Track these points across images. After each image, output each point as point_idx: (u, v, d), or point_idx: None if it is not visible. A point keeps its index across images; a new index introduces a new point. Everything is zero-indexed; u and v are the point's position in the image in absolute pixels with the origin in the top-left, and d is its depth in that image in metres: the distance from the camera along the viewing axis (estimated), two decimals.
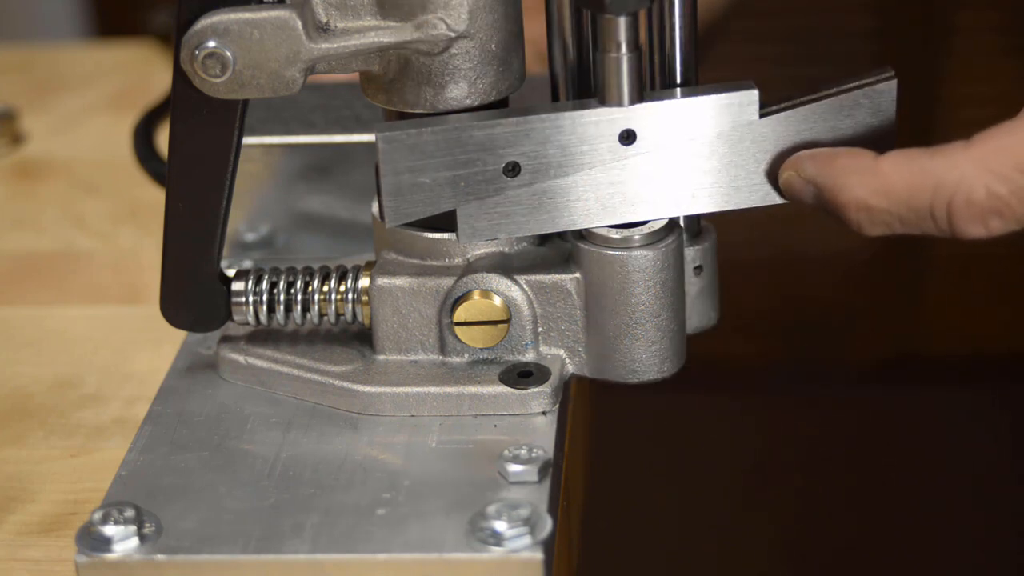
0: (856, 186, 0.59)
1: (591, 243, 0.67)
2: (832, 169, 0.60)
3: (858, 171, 0.59)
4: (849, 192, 0.59)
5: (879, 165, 0.59)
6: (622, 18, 0.63)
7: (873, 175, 0.59)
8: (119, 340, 0.81)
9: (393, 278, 0.68)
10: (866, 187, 0.59)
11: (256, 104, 0.74)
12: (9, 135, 1.04)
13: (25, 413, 0.76)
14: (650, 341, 0.68)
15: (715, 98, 0.65)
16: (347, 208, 0.81)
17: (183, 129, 0.66)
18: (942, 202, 0.57)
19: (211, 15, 0.63)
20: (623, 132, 0.65)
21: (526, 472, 0.63)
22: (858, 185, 0.59)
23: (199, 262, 0.68)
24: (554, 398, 0.67)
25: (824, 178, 0.61)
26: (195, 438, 0.67)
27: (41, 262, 0.90)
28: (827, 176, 0.60)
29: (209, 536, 0.61)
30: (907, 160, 0.58)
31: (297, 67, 0.64)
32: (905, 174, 0.58)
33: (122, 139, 0.95)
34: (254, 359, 0.70)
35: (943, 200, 0.57)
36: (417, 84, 0.66)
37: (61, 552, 0.66)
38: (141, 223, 0.93)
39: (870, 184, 0.59)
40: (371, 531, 0.61)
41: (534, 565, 0.60)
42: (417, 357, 0.69)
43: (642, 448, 1.46)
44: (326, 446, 0.66)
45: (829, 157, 0.61)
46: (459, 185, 0.65)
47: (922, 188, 0.58)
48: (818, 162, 0.61)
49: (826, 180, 0.60)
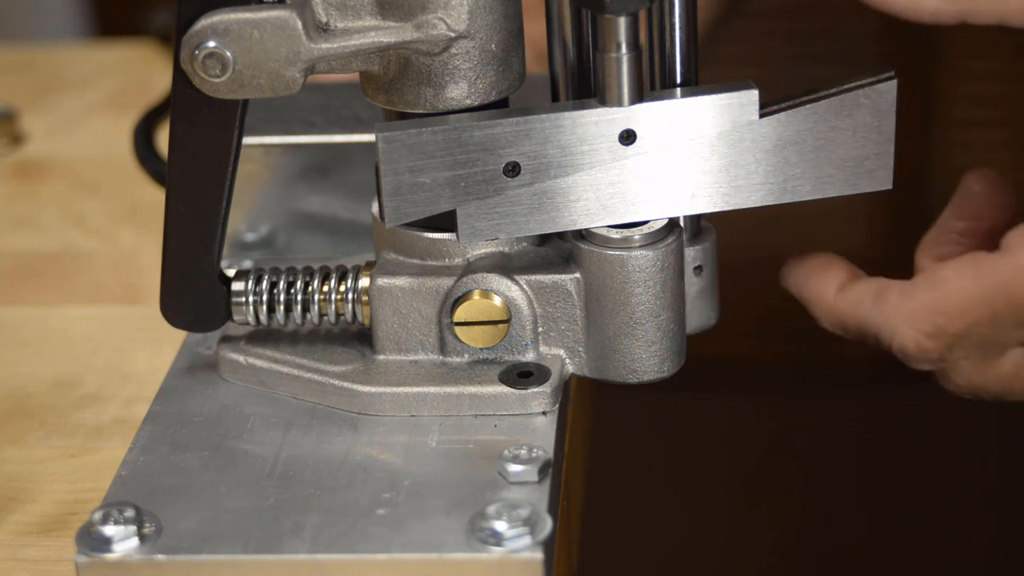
0: (816, 311, 0.69)
1: (591, 243, 0.67)
2: (800, 291, 0.69)
3: (815, 302, 0.68)
4: (814, 312, 0.69)
5: (835, 300, 0.67)
6: (622, 18, 0.63)
7: (825, 308, 0.68)
8: (119, 340, 0.81)
9: (393, 278, 0.68)
10: (820, 314, 0.68)
11: (256, 104, 0.74)
12: (9, 135, 1.04)
13: (25, 413, 0.76)
14: (650, 341, 0.68)
15: (715, 98, 0.65)
16: (347, 208, 0.81)
17: (183, 129, 0.66)
18: (883, 342, 0.66)
19: (211, 15, 0.63)
20: (623, 132, 0.65)
21: (526, 472, 0.63)
22: (817, 311, 0.69)
23: (199, 262, 0.68)
24: (554, 398, 0.67)
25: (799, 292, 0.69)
26: (195, 438, 0.67)
27: (41, 262, 0.90)
28: (800, 291, 0.69)
29: (209, 536, 0.61)
30: (856, 300, 0.67)
31: (297, 67, 0.64)
32: (854, 312, 0.67)
33: (122, 139, 0.95)
34: (254, 359, 0.70)
35: (883, 342, 0.66)
36: (417, 84, 0.66)
37: (61, 552, 0.66)
38: (141, 223, 0.93)
39: (822, 313, 0.68)
40: (371, 531, 0.61)
41: (534, 565, 0.60)
42: (417, 357, 0.69)
43: (642, 448, 1.46)
44: (326, 446, 0.66)
45: (801, 281, 0.70)
46: (459, 185, 0.65)
47: (866, 327, 0.66)
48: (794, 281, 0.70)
49: (800, 294, 0.69)
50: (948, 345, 0.64)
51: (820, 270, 0.68)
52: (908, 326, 0.64)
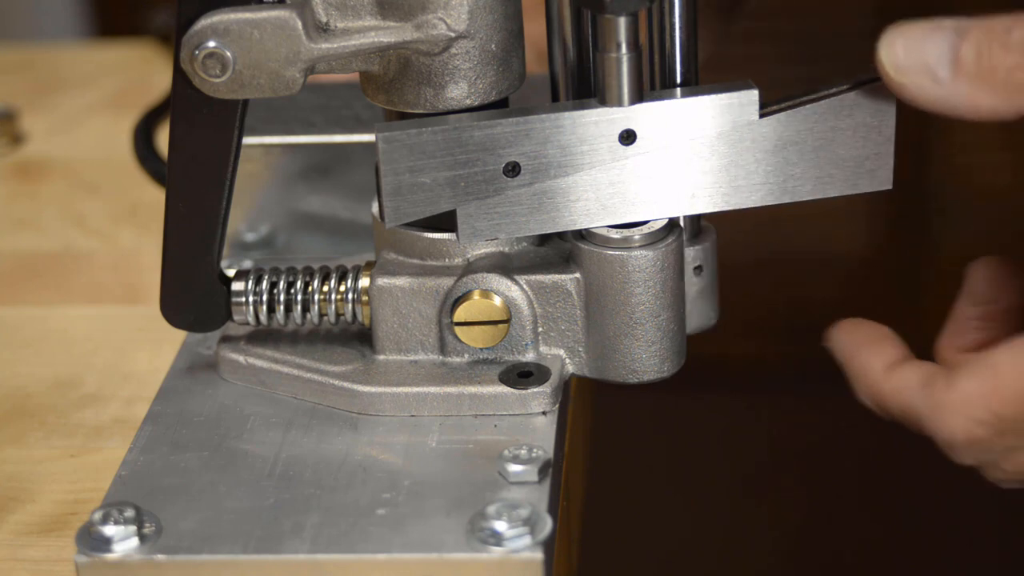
0: (857, 385, 0.67)
1: (591, 243, 0.67)
2: (845, 360, 0.68)
3: (859, 377, 0.67)
4: (854, 384, 0.68)
5: (882, 380, 0.66)
6: (622, 18, 0.63)
7: (869, 386, 0.67)
8: (119, 340, 0.81)
9: (393, 278, 0.68)
10: (862, 390, 0.67)
11: (256, 104, 0.74)
12: (9, 135, 1.04)
13: (25, 413, 0.76)
14: (650, 341, 0.68)
15: (715, 98, 0.65)
16: (347, 208, 0.81)
17: (183, 129, 0.66)
18: (927, 430, 0.64)
19: (211, 15, 0.63)
20: (623, 132, 0.65)
21: (526, 472, 0.63)
22: (858, 385, 0.67)
23: (199, 262, 0.68)
24: (554, 398, 0.67)
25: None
26: (195, 438, 0.67)
27: (41, 262, 0.90)
28: (845, 359, 0.68)
29: (209, 536, 0.61)
30: (904, 384, 0.65)
31: (297, 67, 0.64)
32: (898, 396, 0.65)
33: (122, 139, 0.95)
34: (254, 359, 0.70)
35: (928, 430, 0.64)
36: (417, 84, 0.66)
37: (61, 552, 0.66)
38: (141, 223, 0.93)
39: (864, 390, 0.67)
40: (371, 531, 0.61)
41: (534, 565, 0.60)
42: (417, 357, 0.69)
43: (642, 448, 1.46)
44: (326, 446, 0.66)
45: (848, 350, 0.68)
46: (459, 185, 0.65)
47: (910, 413, 0.65)
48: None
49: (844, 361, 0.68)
50: (1000, 432, 0.62)
51: (870, 343, 0.67)
52: (958, 415, 0.62)
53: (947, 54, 0.60)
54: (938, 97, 0.60)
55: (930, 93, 0.60)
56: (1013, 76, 0.59)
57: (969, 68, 0.60)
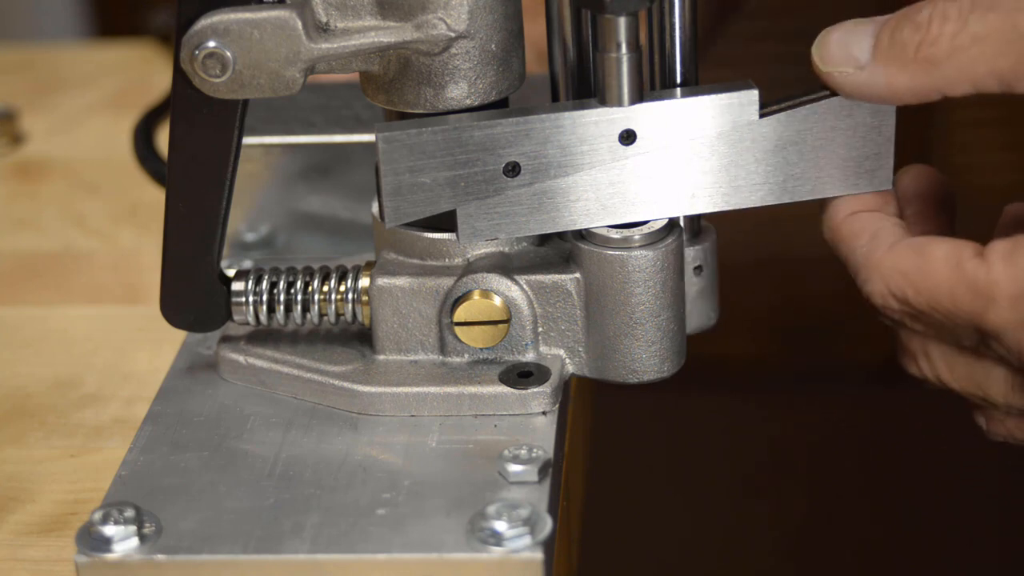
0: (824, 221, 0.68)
1: (591, 243, 0.67)
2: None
3: (827, 212, 0.68)
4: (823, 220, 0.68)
5: (841, 221, 0.67)
6: (622, 18, 0.63)
7: (829, 223, 0.67)
8: (119, 340, 0.81)
9: (393, 278, 0.68)
10: (824, 225, 0.68)
11: (256, 104, 0.74)
12: (9, 135, 1.04)
13: (25, 413, 0.76)
14: (650, 341, 0.68)
15: (715, 98, 0.65)
16: (347, 208, 0.81)
17: (183, 129, 0.66)
18: (857, 282, 0.66)
19: (211, 15, 0.63)
20: (623, 132, 0.65)
21: (526, 472, 0.63)
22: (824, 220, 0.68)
23: (199, 262, 0.68)
24: (554, 398, 0.67)
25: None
26: (195, 438, 0.67)
27: (41, 262, 0.90)
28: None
29: (209, 536, 0.61)
30: (857, 231, 0.67)
31: (297, 67, 0.64)
32: (849, 241, 0.67)
33: (122, 139, 0.95)
34: (254, 359, 0.70)
35: (858, 282, 0.66)
36: (417, 84, 0.66)
37: (61, 552, 0.66)
38: (141, 223, 0.93)
39: (824, 225, 0.68)
40: (371, 531, 0.61)
41: (534, 565, 0.60)
42: (417, 357, 0.69)
43: (642, 448, 1.46)
44: (326, 446, 0.66)
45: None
46: (459, 185, 0.65)
47: (849, 261, 0.66)
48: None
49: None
50: (911, 316, 0.64)
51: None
52: (880, 281, 0.64)
53: (868, 41, 0.63)
54: (860, 83, 0.64)
55: (853, 79, 0.64)
56: (922, 52, 0.61)
57: (884, 50, 0.62)
